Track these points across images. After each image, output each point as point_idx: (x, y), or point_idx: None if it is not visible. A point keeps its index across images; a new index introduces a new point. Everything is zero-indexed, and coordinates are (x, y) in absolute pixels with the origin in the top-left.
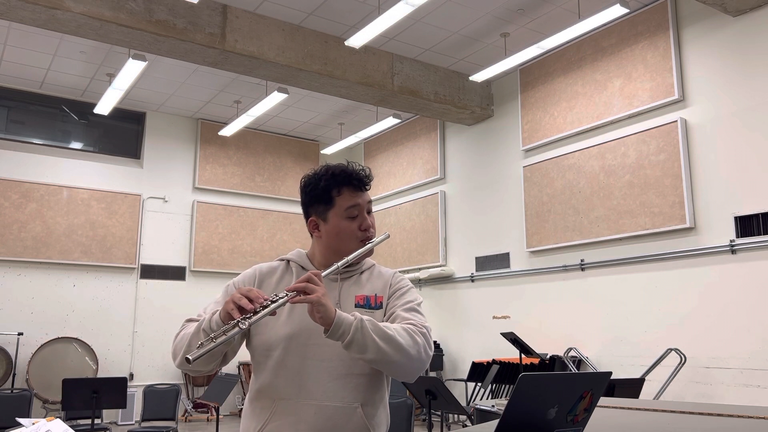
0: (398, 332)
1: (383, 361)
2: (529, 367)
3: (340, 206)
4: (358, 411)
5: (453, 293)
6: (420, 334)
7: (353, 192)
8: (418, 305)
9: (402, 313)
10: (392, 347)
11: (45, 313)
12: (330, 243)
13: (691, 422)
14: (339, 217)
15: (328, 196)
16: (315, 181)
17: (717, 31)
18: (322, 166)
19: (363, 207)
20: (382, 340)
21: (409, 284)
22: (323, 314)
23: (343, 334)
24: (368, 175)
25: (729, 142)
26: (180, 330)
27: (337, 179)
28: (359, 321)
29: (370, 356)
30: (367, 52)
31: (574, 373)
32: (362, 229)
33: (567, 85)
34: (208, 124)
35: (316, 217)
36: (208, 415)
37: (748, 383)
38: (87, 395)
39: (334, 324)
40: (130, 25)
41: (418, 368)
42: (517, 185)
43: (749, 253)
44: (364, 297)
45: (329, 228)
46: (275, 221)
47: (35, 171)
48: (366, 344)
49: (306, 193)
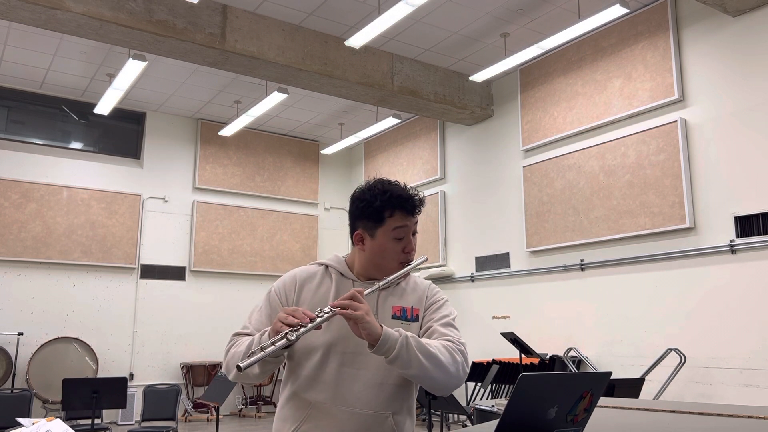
0: (440, 350)
1: (424, 377)
2: (529, 367)
3: (389, 226)
4: (389, 420)
5: (453, 293)
6: (459, 352)
7: (405, 215)
8: (453, 320)
9: (439, 328)
10: (434, 364)
11: (45, 313)
12: (372, 258)
13: (691, 422)
14: (386, 236)
15: (381, 215)
16: (370, 199)
17: (717, 31)
18: (378, 182)
19: (410, 230)
20: (425, 357)
21: (444, 297)
22: (369, 330)
23: (389, 350)
24: (422, 201)
25: (729, 142)
26: (229, 345)
27: (393, 202)
28: (404, 338)
29: (412, 372)
30: (367, 52)
31: (574, 373)
32: (406, 251)
33: (567, 85)
34: (208, 124)
35: (363, 231)
36: (208, 415)
37: (748, 383)
38: (87, 395)
39: (380, 340)
40: (130, 25)
41: (455, 385)
42: (517, 185)
43: (749, 253)
44: (401, 309)
45: (375, 245)
46: (275, 221)
47: (35, 171)
48: (410, 361)
49: (358, 207)
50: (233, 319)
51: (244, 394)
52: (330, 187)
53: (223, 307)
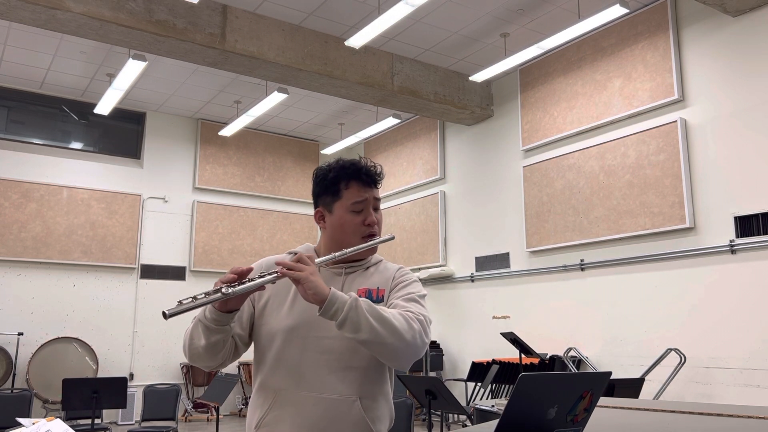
0: (394, 316)
1: (376, 342)
2: (529, 367)
3: (346, 199)
4: (356, 404)
5: (453, 293)
6: (416, 321)
7: (361, 187)
8: (420, 297)
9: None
10: (386, 329)
11: (45, 313)
12: (334, 235)
13: (691, 422)
14: (344, 210)
15: (336, 188)
16: (325, 172)
17: (717, 31)
18: (337, 159)
19: (369, 202)
20: (377, 320)
21: (413, 277)
22: (315, 291)
23: (337, 312)
24: (379, 173)
25: (729, 142)
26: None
27: (347, 172)
28: (354, 300)
29: (363, 336)
30: (367, 52)
31: (573, 373)
32: (366, 224)
33: (567, 85)
34: (208, 124)
35: (323, 208)
36: (208, 415)
37: (748, 383)
38: (87, 395)
39: (327, 301)
40: (130, 25)
41: (413, 353)
42: (517, 185)
43: (749, 253)
44: (366, 290)
45: (334, 220)
46: (275, 221)
47: (35, 171)
48: (360, 323)
49: (316, 184)
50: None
51: (244, 394)
52: None
53: None
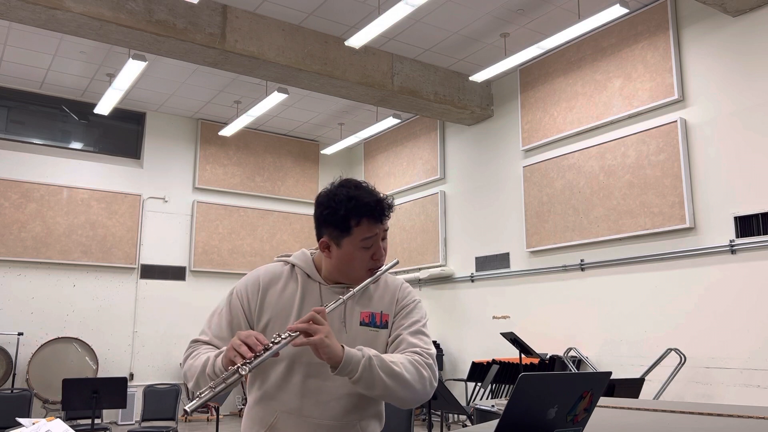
0: (405, 367)
1: (389, 396)
2: (529, 367)
3: (356, 236)
4: (357, 427)
5: (453, 293)
6: (426, 366)
7: (372, 223)
8: (423, 326)
9: (408, 337)
10: (399, 383)
11: (45, 313)
12: (340, 266)
13: (691, 422)
14: (353, 246)
15: (347, 225)
16: (335, 207)
17: (717, 31)
18: (342, 186)
19: (379, 236)
20: (389, 377)
21: (416, 299)
22: (330, 354)
23: (352, 372)
24: (390, 206)
25: (729, 142)
26: (187, 353)
27: (359, 210)
28: (367, 359)
29: (376, 393)
30: (367, 53)
31: (573, 373)
32: (374, 258)
33: (567, 85)
34: (208, 124)
35: (330, 240)
36: (208, 415)
37: (748, 383)
38: (87, 395)
39: (342, 363)
40: (130, 25)
41: (421, 399)
42: (517, 185)
43: (749, 253)
44: (369, 314)
45: (341, 254)
46: (275, 221)
47: (35, 171)
48: (374, 382)
49: (322, 214)
50: None
51: (244, 394)
52: None
53: None
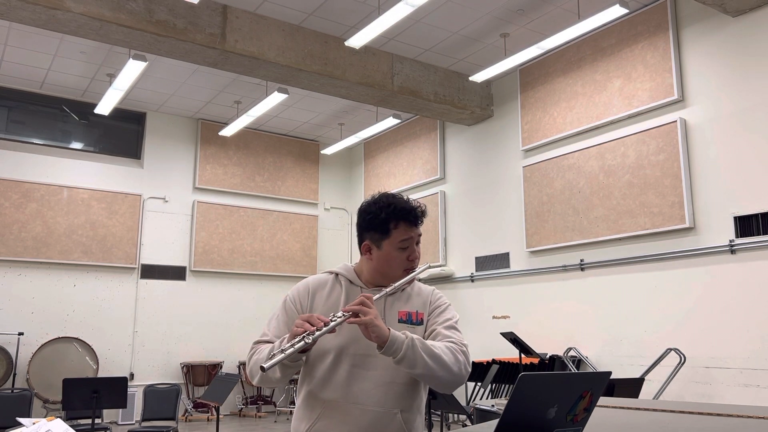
0: (443, 351)
1: (429, 376)
2: (529, 366)
3: (395, 238)
4: (398, 417)
5: (453, 293)
6: (461, 353)
7: (408, 226)
8: (456, 323)
9: (443, 330)
10: (438, 364)
11: (45, 312)
12: (379, 267)
13: (691, 422)
14: (392, 247)
15: (386, 227)
16: (376, 211)
17: (716, 31)
18: (383, 195)
19: (414, 240)
20: (430, 357)
21: (447, 301)
22: (378, 333)
23: (396, 351)
24: (424, 212)
25: (728, 142)
26: (251, 353)
27: (397, 214)
28: (410, 340)
29: (418, 371)
30: (367, 53)
31: (573, 372)
32: (410, 259)
33: (567, 86)
34: (208, 124)
35: (371, 242)
36: (209, 415)
37: (748, 383)
38: (87, 395)
39: (388, 342)
40: (130, 25)
41: (458, 383)
42: (517, 185)
43: (749, 253)
44: (406, 313)
45: (381, 255)
46: (275, 221)
47: (35, 171)
48: (416, 360)
49: (365, 220)
50: (234, 319)
51: (244, 394)
52: (330, 188)
53: (223, 307)
